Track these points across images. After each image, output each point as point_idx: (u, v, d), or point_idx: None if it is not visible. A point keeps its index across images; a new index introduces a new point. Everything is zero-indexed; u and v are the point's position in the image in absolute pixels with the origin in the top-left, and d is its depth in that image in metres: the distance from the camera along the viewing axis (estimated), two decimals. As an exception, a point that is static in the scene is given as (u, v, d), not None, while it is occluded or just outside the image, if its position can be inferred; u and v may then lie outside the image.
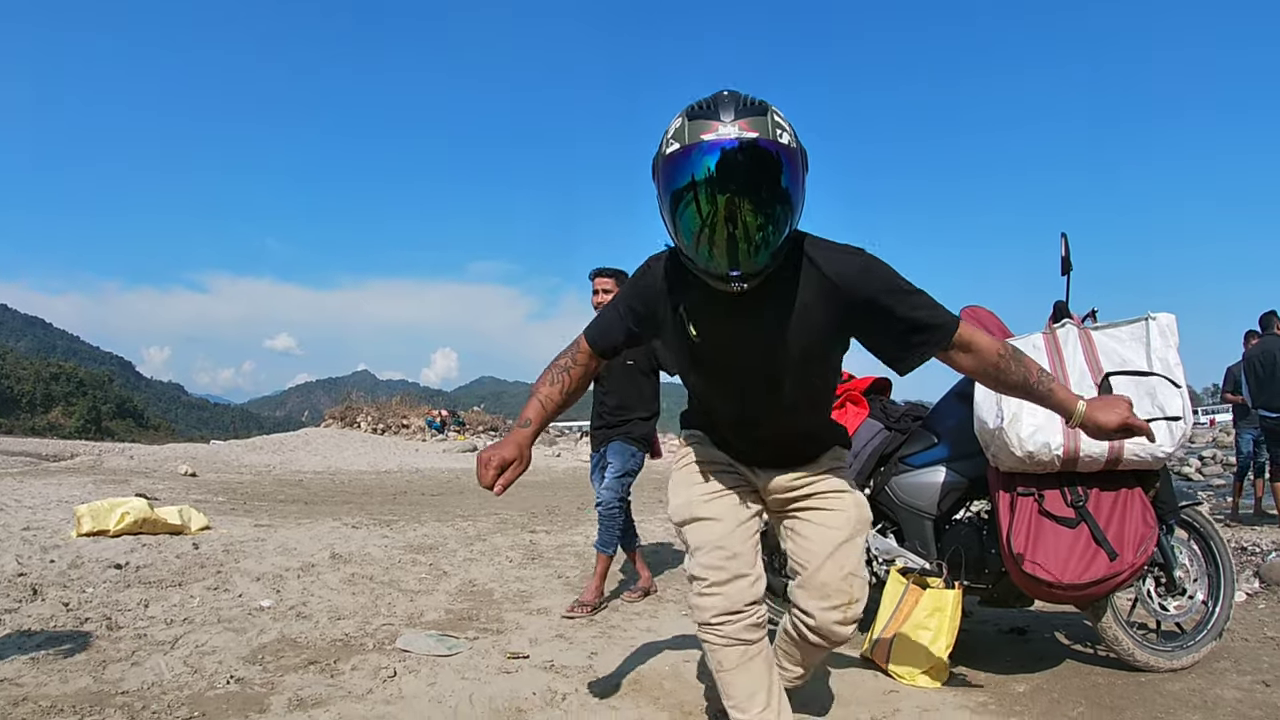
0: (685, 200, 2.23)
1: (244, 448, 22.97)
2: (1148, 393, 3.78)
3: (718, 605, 2.65)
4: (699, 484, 2.88)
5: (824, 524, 2.82)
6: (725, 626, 2.66)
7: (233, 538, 7.05)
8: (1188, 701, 3.71)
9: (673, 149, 2.22)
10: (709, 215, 2.21)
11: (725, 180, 2.17)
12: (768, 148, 2.17)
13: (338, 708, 3.27)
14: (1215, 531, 4.37)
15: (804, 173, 2.28)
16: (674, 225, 2.32)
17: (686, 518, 2.85)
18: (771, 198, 2.21)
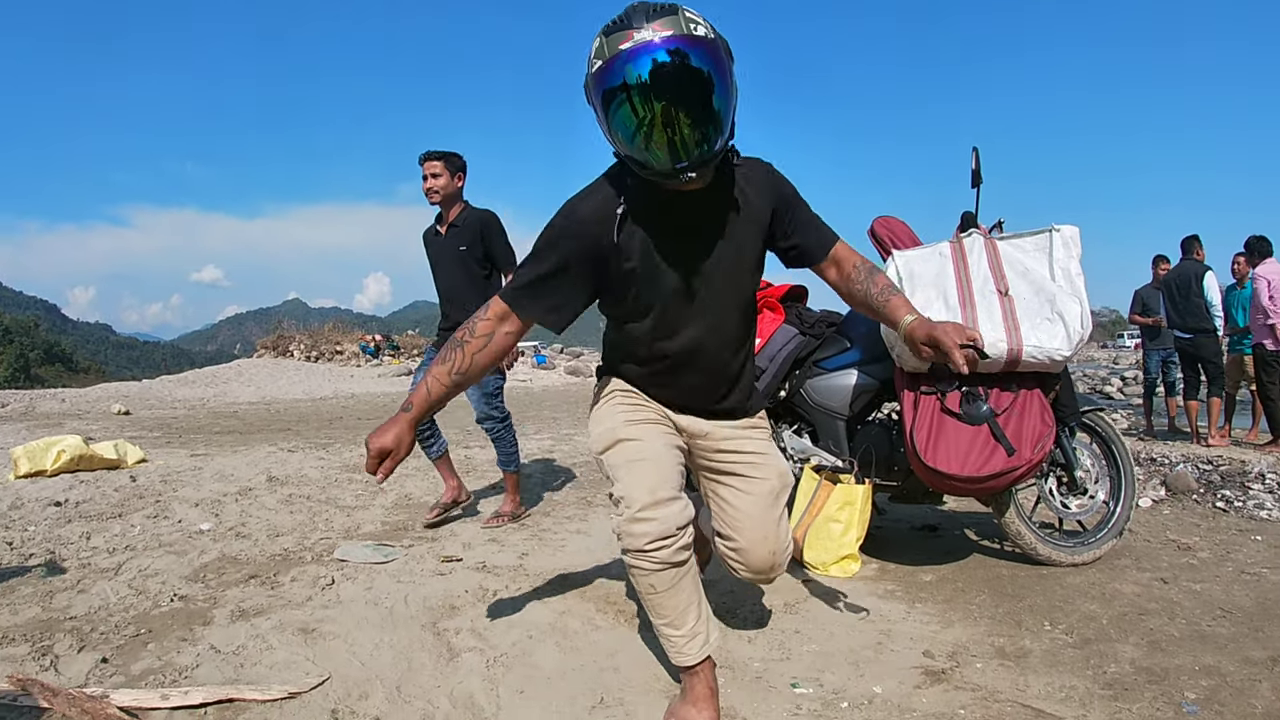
0: (619, 109, 2.31)
1: (176, 383, 22.72)
2: (1048, 299, 3.95)
3: (651, 531, 2.47)
4: (621, 411, 2.81)
5: (750, 492, 2.87)
6: (659, 552, 2.49)
7: (170, 468, 7.13)
8: (1086, 593, 3.94)
9: (597, 66, 2.30)
10: (645, 116, 2.28)
11: (653, 80, 2.24)
12: (684, 42, 2.23)
13: (278, 615, 3.42)
14: (1117, 436, 4.60)
15: (729, 61, 2.34)
16: (614, 136, 2.39)
17: (610, 441, 2.73)
18: (698, 87, 2.28)
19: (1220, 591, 3.98)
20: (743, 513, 2.85)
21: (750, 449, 2.91)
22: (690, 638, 2.59)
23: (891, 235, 4.47)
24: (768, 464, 2.90)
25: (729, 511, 2.88)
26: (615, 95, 2.29)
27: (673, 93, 2.25)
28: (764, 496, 2.86)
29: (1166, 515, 5.78)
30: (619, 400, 2.85)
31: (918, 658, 3.18)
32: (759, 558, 2.85)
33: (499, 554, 4.50)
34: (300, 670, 2.88)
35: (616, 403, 2.85)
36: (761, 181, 2.69)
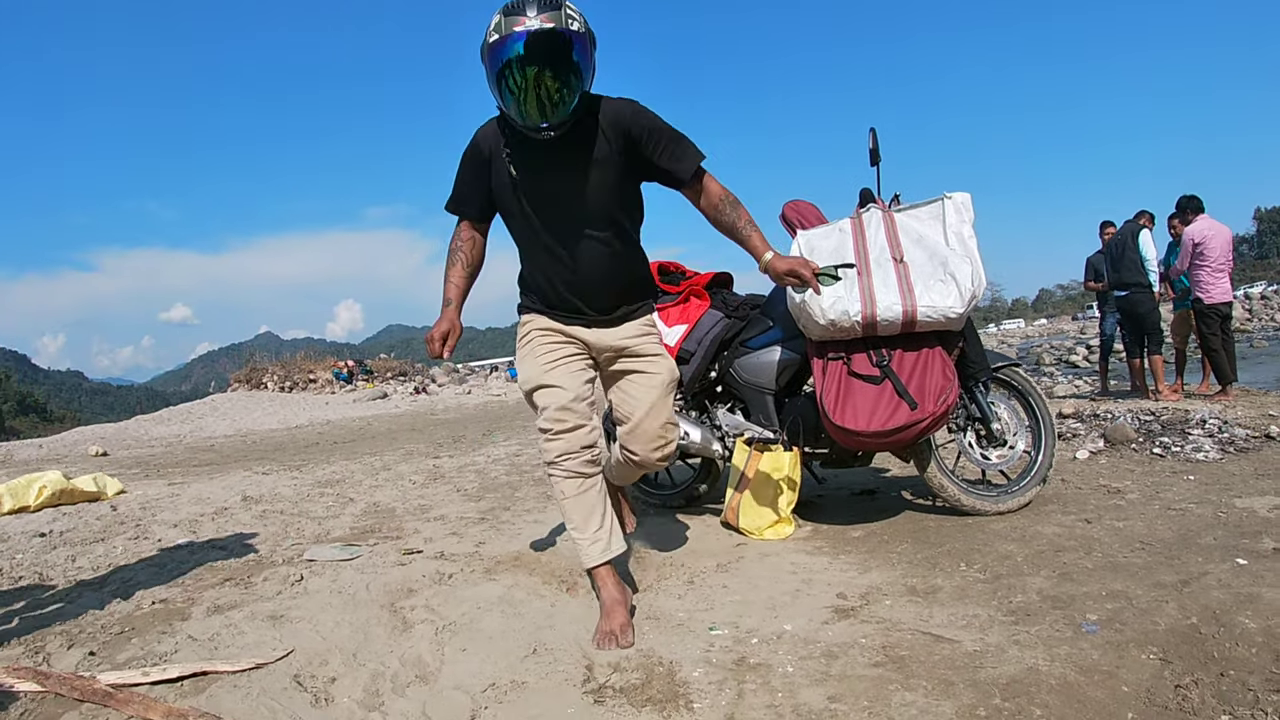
0: (505, 76, 2.96)
1: (152, 421, 22.70)
2: (940, 263, 4.22)
3: (560, 447, 3.30)
4: (541, 356, 3.45)
5: (646, 384, 3.56)
6: (567, 462, 3.32)
7: (148, 497, 7.33)
8: (1007, 536, 4.20)
9: (493, 39, 2.92)
10: (522, 84, 2.95)
11: (532, 58, 2.90)
12: (562, 33, 2.89)
13: (250, 608, 3.66)
14: (1033, 388, 4.86)
15: (592, 49, 3.02)
16: (499, 94, 3.03)
17: (534, 385, 3.41)
18: (565, 69, 2.94)
19: (1143, 527, 4.22)
20: (640, 400, 3.55)
21: (647, 351, 3.58)
22: (593, 541, 3.37)
23: (800, 217, 4.76)
24: (660, 362, 3.60)
25: (630, 400, 3.58)
26: (502, 66, 2.94)
27: (544, 69, 2.92)
28: (658, 386, 3.56)
29: (1102, 464, 6.06)
30: (538, 342, 3.50)
31: (831, 599, 3.46)
32: (650, 431, 3.55)
33: (458, 544, 4.76)
34: (268, 648, 3.14)
35: (536, 344, 3.49)
36: (618, 116, 3.20)
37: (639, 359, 3.58)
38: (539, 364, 3.44)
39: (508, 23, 2.90)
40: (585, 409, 3.39)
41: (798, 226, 4.71)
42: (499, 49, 2.92)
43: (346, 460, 9.67)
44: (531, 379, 3.44)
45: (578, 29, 2.93)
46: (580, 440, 3.33)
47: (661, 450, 3.61)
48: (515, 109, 3.02)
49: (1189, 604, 3.08)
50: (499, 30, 2.92)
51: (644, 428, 3.55)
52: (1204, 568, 3.48)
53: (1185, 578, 3.37)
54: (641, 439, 3.57)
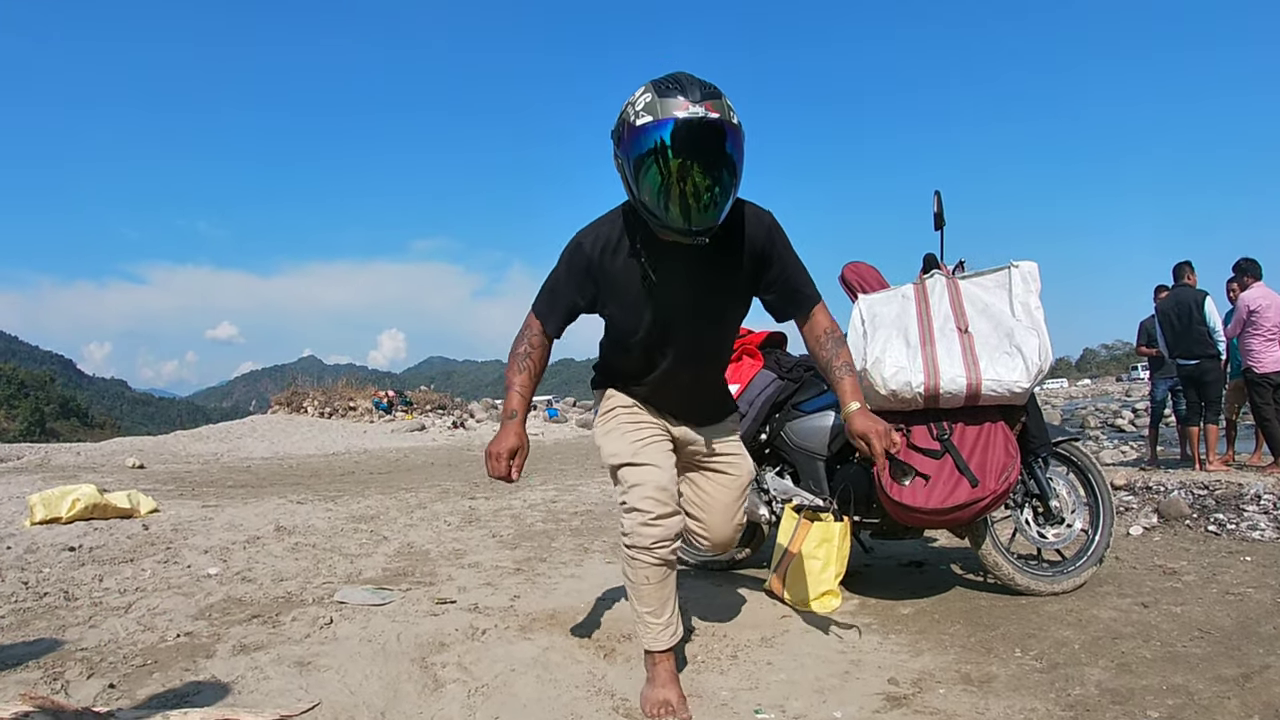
0: (652, 165, 2.61)
1: (190, 438, 22.86)
2: (1006, 334, 4.07)
3: (658, 534, 3.04)
4: (631, 432, 3.26)
5: (724, 485, 3.53)
6: (661, 550, 3.07)
7: (181, 518, 7.27)
8: (1063, 619, 4.01)
9: (644, 120, 2.58)
10: (674, 179, 2.60)
11: (692, 150, 2.57)
12: (726, 126, 2.58)
13: (277, 650, 3.57)
14: (1094, 464, 4.69)
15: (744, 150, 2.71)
16: (638, 185, 2.68)
17: (626, 461, 3.17)
18: (727, 166, 2.64)
19: (1201, 613, 4.05)
20: (717, 500, 3.53)
21: (728, 451, 3.52)
22: (665, 627, 3.16)
23: (860, 280, 4.63)
24: (740, 464, 3.55)
25: (705, 498, 3.54)
26: (652, 153, 2.60)
27: (706, 166, 2.61)
28: (736, 489, 3.54)
29: (1157, 542, 5.86)
30: (623, 419, 3.32)
31: (882, 685, 3.29)
32: (723, 534, 3.60)
33: (492, 596, 4.63)
34: (293, 697, 3.03)
35: (622, 421, 3.31)
36: (757, 232, 2.99)
37: (720, 459, 3.51)
38: (628, 440, 3.24)
39: (664, 105, 2.56)
40: (675, 491, 3.19)
41: (858, 290, 4.58)
42: (650, 133, 2.58)
43: (382, 494, 9.58)
44: (621, 454, 3.21)
45: (738, 123, 2.65)
46: (674, 527, 3.11)
47: (729, 547, 3.72)
48: (660, 205, 2.67)
49: (1251, 700, 2.96)
50: (651, 112, 2.58)
51: (717, 533, 3.58)
52: (1265, 660, 3.36)
53: (1247, 671, 3.24)
54: (711, 538, 3.62)
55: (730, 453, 3.52)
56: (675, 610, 3.22)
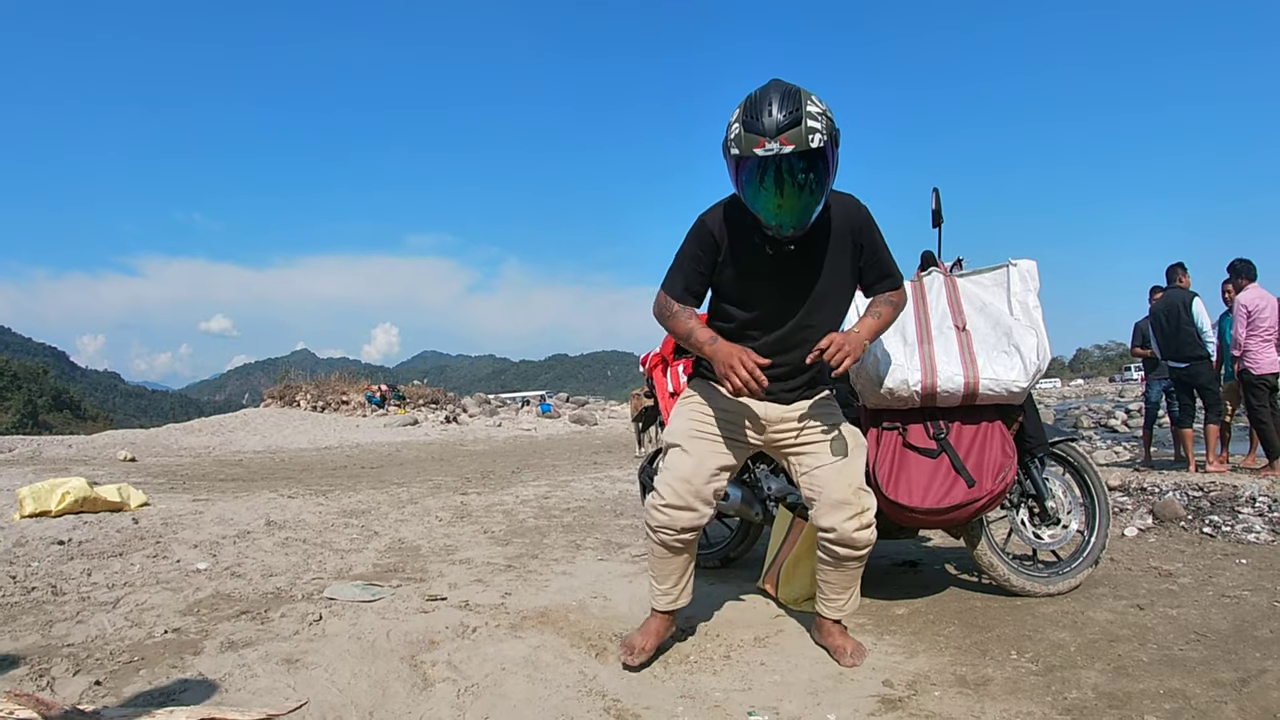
0: (746, 187, 3.01)
1: (182, 431, 22.84)
2: (1004, 333, 4.02)
3: (662, 520, 3.37)
4: (694, 419, 3.48)
5: (820, 451, 3.48)
6: (661, 535, 3.41)
7: (171, 512, 7.24)
8: (1058, 621, 3.98)
9: (735, 151, 2.95)
10: (766, 200, 2.98)
11: (775, 181, 2.92)
12: (803, 157, 2.88)
13: (265, 647, 3.54)
14: (1090, 465, 4.64)
15: (834, 152, 2.99)
16: (744, 198, 3.06)
17: (673, 442, 3.46)
18: (808, 187, 2.95)
19: (1197, 615, 4.02)
20: (823, 467, 3.44)
21: (824, 423, 3.51)
22: (664, 594, 3.55)
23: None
24: (838, 430, 3.52)
25: (811, 471, 3.47)
26: (746, 179, 2.98)
27: (787, 192, 2.94)
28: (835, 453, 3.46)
29: (1152, 543, 5.82)
30: (695, 408, 3.53)
31: (876, 687, 3.26)
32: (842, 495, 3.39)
33: (483, 593, 4.59)
34: (280, 695, 3.00)
35: (693, 409, 3.53)
36: (849, 217, 3.30)
37: (818, 430, 3.52)
38: (688, 425, 3.49)
39: (748, 141, 2.89)
40: (707, 494, 3.40)
41: (856, 286, 4.56)
42: (742, 167, 2.97)
43: (373, 489, 9.55)
44: (674, 435, 3.49)
45: (818, 143, 2.88)
46: (682, 521, 3.38)
47: (859, 519, 3.42)
48: (760, 215, 3.06)
49: (1248, 705, 2.95)
50: (739, 146, 2.93)
51: (833, 496, 3.42)
52: (1262, 664, 3.33)
53: (1244, 675, 3.22)
54: (833, 509, 3.41)
55: (827, 424, 3.53)
56: (681, 584, 3.58)
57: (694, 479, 3.36)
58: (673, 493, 3.36)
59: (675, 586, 3.57)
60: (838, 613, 3.64)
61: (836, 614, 3.64)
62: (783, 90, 2.91)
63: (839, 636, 3.64)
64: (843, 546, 3.42)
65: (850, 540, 3.40)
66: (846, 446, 3.50)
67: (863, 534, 3.40)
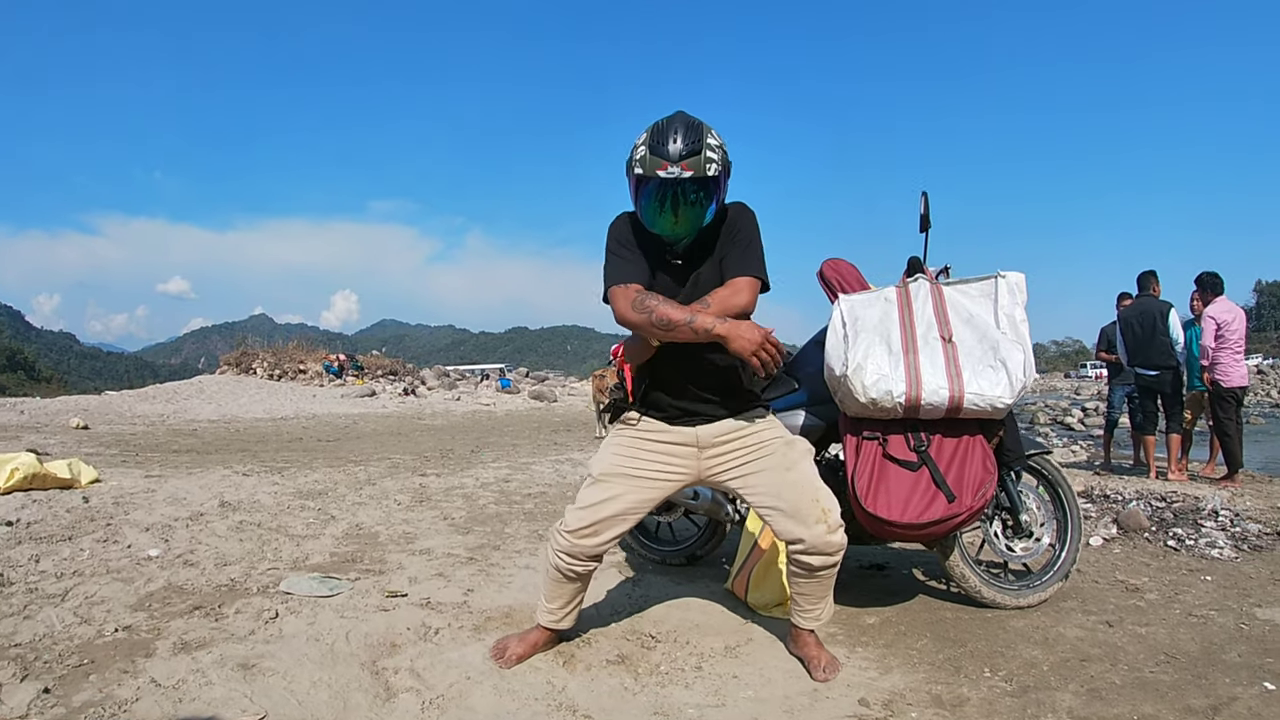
0: (644, 207, 3.18)
1: (136, 398, 22.51)
2: (991, 347, 3.95)
3: (563, 546, 3.43)
4: (618, 456, 3.46)
5: (767, 467, 3.40)
6: (559, 562, 3.47)
7: (123, 490, 7.06)
8: (1029, 637, 3.97)
9: (638, 172, 3.12)
10: (658, 217, 3.16)
11: (670, 202, 3.12)
12: (698, 183, 3.08)
13: (220, 649, 3.42)
14: (1063, 479, 4.65)
15: (725, 180, 3.19)
16: (638, 212, 3.24)
17: (594, 473, 3.48)
18: (698, 208, 3.14)
19: (1165, 635, 4.03)
20: (769, 483, 3.37)
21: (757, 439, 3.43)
22: (549, 612, 3.58)
23: (840, 278, 4.48)
24: (774, 442, 3.44)
25: (759, 490, 3.39)
26: (644, 198, 3.16)
27: (680, 213, 3.14)
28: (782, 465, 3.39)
29: (1117, 554, 5.83)
30: (622, 441, 3.51)
31: (852, 705, 3.21)
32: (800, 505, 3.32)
33: (444, 590, 4.49)
34: (237, 707, 2.89)
35: (618, 442, 3.51)
36: (728, 223, 3.32)
37: (753, 448, 3.45)
38: (611, 462, 3.47)
39: (651, 163, 3.07)
40: (612, 531, 3.44)
41: (838, 289, 4.43)
42: (641, 186, 3.14)
43: (330, 467, 9.37)
44: (598, 467, 3.48)
45: (713, 172, 3.09)
46: (586, 550, 3.44)
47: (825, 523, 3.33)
48: (652, 227, 3.23)
49: None
50: (643, 166, 3.10)
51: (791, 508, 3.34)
52: (1232, 690, 3.35)
53: (1215, 702, 3.23)
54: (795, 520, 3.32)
55: (763, 440, 3.45)
56: (569, 608, 3.61)
57: (605, 512, 3.40)
58: (578, 520, 3.41)
59: (563, 609, 3.60)
60: (813, 623, 3.56)
61: (812, 624, 3.56)
62: (687, 122, 3.11)
63: (813, 647, 3.57)
64: (816, 555, 3.32)
65: (823, 546, 3.31)
66: (793, 455, 3.43)
67: (835, 537, 3.33)
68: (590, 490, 3.44)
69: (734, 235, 3.31)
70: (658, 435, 3.45)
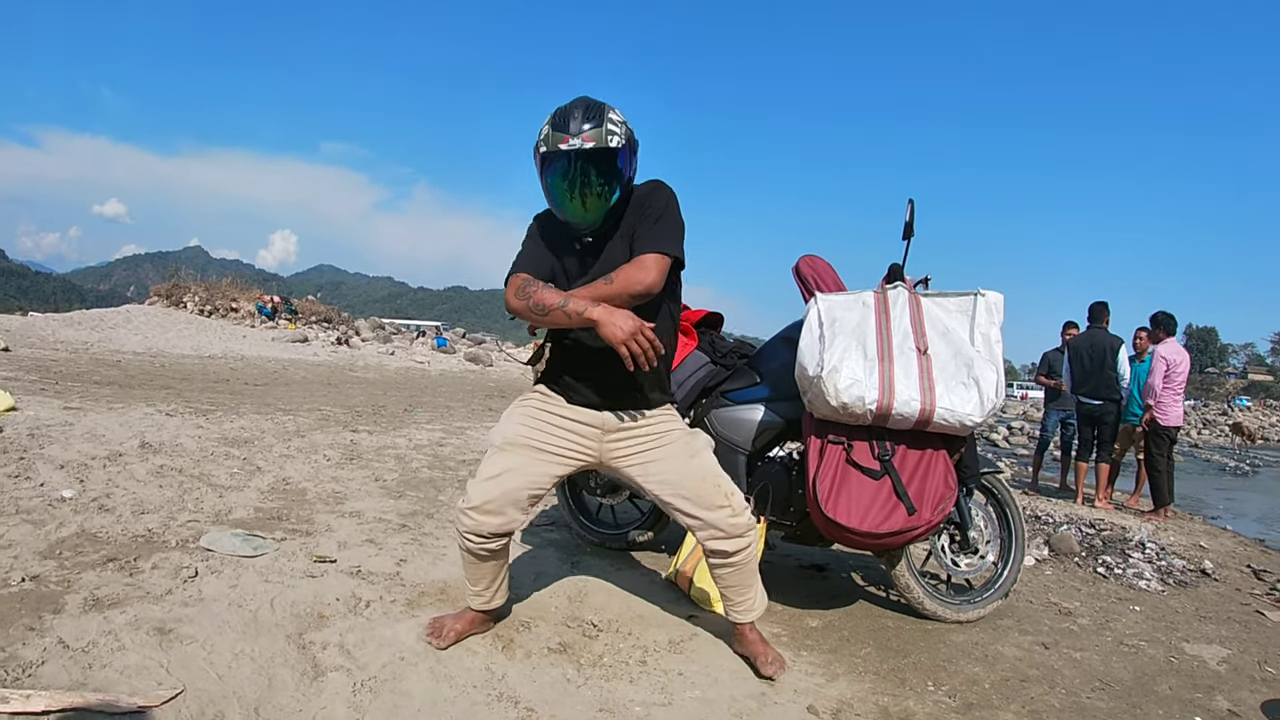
0: (550, 185, 3.13)
1: (61, 322, 21.97)
2: (965, 364, 3.92)
3: (469, 525, 3.26)
4: (524, 424, 3.37)
5: (669, 456, 3.37)
6: (468, 542, 3.30)
7: (40, 420, 6.76)
8: (970, 653, 3.99)
9: (543, 150, 3.09)
10: (564, 194, 3.11)
11: (573, 175, 3.07)
12: (601, 152, 3.05)
13: (134, 609, 3.22)
14: (1012, 499, 4.66)
15: (631, 156, 3.16)
16: (546, 197, 3.19)
17: (495, 443, 3.37)
18: (603, 182, 3.10)
19: (1099, 662, 4.08)
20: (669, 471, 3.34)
21: (658, 429, 3.40)
22: (476, 595, 3.47)
23: (816, 276, 4.40)
24: (673, 433, 3.42)
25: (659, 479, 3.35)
26: (549, 176, 3.12)
27: (585, 184, 3.10)
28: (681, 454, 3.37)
29: (1049, 576, 5.88)
30: (526, 411, 3.42)
31: (801, 712, 3.16)
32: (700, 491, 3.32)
33: (375, 558, 4.31)
34: (153, 678, 2.69)
35: (522, 412, 3.42)
36: (638, 200, 3.25)
37: (654, 438, 3.40)
38: (513, 432, 3.38)
39: (554, 138, 3.06)
40: (520, 503, 3.30)
41: (815, 288, 4.33)
42: (546, 162, 3.10)
43: (257, 414, 9.06)
44: (500, 436, 3.39)
45: (617, 143, 3.07)
46: (489, 526, 3.26)
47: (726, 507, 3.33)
48: (559, 212, 3.19)
49: None
50: (546, 143, 3.08)
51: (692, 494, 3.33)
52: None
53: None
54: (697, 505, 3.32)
55: (662, 430, 3.41)
56: (495, 586, 3.49)
57: (508, 484, 3.28)
58: (483, 496, 3.26)
59: (488, 589, 3.49)
60: (747, 614, 3.53)
61: (746, 616, 3.53)
62: (588, 102, 3.12)
63: (758, 644, 3.54)
64: (725, 539, 3.33)
65: (729, 528, 3.32)
66: (695, 444, 3.41)
67: (739, 519, 3.33)
68: (491, 460, 3.34)
69: (645, 210, 3.22)
70: (564, 411, 3.39)
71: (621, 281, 3.06)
